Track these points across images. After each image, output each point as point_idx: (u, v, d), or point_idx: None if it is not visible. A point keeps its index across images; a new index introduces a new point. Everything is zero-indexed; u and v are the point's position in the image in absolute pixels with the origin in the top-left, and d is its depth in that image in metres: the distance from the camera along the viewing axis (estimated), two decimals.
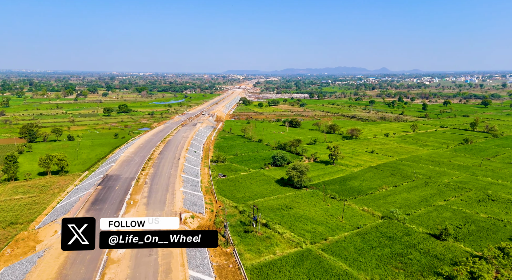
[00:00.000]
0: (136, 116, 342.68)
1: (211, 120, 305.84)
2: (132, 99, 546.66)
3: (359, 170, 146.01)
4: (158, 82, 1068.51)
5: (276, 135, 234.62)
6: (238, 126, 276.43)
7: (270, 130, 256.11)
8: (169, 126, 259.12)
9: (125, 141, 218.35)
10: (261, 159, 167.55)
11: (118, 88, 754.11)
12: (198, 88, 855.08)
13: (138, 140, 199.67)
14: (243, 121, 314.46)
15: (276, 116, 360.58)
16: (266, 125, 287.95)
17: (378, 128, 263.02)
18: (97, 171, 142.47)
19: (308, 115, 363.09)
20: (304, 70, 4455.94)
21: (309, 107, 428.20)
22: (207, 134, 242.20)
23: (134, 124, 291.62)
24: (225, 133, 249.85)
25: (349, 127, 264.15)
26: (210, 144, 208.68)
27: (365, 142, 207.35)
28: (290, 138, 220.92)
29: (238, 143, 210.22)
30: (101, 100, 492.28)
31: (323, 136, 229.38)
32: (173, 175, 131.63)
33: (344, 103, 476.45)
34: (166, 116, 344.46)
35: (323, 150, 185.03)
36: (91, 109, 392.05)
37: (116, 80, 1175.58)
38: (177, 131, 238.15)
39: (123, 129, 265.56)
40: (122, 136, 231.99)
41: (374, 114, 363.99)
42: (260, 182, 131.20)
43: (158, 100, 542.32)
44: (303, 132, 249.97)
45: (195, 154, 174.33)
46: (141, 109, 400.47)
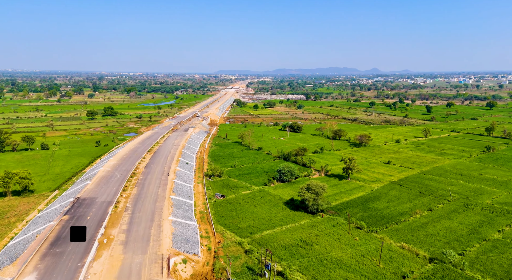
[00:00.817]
0: (122, 120, 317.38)
1: (204, 124, 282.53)
2: (120, 100, 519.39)
3: (380, 187, 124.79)
4: (148, 82, 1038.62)
5: (277, 142, 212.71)
6: (234, 131, 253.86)
7: (269, 136, 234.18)
8: (158, 131, 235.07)
9: (108, 149, 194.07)
10: (264, 172, 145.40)
11: (106, 88, 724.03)
12: (190, 88, 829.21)
13: (122, 150, 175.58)
14: (239, 125, 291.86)
15: (273, 119, 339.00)
16: (264, 129, 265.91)
17: (386, 133, 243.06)
18: (69, 191, 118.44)
19: (307, 118, 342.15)
20: (295, 70, 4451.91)
21: (307, 109, 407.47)
22: (200, 140, 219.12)
23: (119, 129, 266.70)
24: (220, 139, 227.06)
25: (354, 131, 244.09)
26: (204, 153, 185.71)
27: (376, 150, 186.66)
28: (293, 145, 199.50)
29: (235, 151, 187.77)
30: (86, 102, 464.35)
31: (329, 142, 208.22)
32: (161, 197, 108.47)
33: (342, 105, 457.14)
34: (155, 119, 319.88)
35: (332, 160, 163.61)
36: (74, 112, 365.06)
37: (104, 80, 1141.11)
38: (167, 137, 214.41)
39: (107, 135, 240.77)
40: (105, 143, 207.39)
41: (376, 116, 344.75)
42: (266, 204, 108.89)
43: (148, 102, 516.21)
44: (305, 137, 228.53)
45: (188, 167, 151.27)
46: (129, 112, 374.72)
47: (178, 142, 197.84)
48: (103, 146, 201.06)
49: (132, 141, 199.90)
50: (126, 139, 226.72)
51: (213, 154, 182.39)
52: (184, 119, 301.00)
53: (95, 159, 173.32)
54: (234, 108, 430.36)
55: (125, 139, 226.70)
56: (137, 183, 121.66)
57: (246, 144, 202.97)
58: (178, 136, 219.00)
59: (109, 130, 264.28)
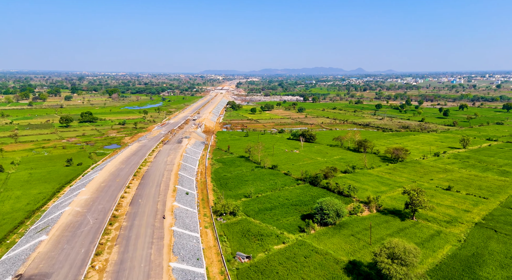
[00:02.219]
0: (103, 127, 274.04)
1: (200, 133, 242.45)
2: (101, 103, 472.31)
3: (467, 235, 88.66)
4: (132, 83, 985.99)
5: (291, 156, 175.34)
6: (236, 141, 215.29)
7: (279, 147, 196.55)
8: (146, 144, 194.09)
9: (83, 170, 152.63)
10: (291, 206, 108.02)
11: (86, 89, 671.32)
12: (177, 89, 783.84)
13: (100, 173, 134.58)
14: (239, 133, 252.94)
15: (275, 125, 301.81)
16: (270, 138, 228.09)
17: (413, 143, 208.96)
18: (9, 254, 77.65)
19: (313, 123, 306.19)
20: (282, 70, 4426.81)
21: (309, 113, 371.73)
22: (198, 155, 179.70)
23: (99, 140, 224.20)
24: (221, 152, 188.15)
25: (374, 140, 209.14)
26: (205, 174, 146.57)
27: (419, 168, 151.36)
28: (312, 161, 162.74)
29: (244, 170, 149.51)
30: (62, 105, 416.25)
31: (354, 157, 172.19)
32: (156, 265, 69.39)
33: (345, 107, 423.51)
34: (141, 126, 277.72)
35: (374, 184, 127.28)
36: (47, 117, 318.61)
37: (85, 80, 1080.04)
38: (157, 152, 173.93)
39: (83, 148, 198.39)
40: (79, 161, 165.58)
41: (389, 121, 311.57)
42: (318, 273, 71.21)
43: (132, 104, 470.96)
44: (322, 149, 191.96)
45: (188, 199, 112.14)
46: (111, 117, 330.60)
47: (172, 160, 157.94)
48: (75, 166, 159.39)
49: (114, 159, 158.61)
50: (106, 154, 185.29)
51: (218, 175, 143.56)
52: (176, 126, 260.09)
53: (63, 186, 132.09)
54: (229, 111, 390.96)
55: (105, 154, 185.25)
56: (119, 237, 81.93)
57: (256, 161, 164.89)
58: (170, 150, 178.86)
59: (86, 141, 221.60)
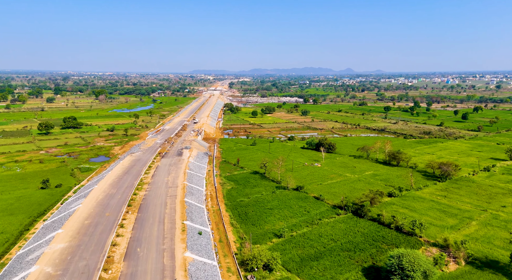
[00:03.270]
0: (89, 134, 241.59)
1: (201, 142, 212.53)
2: (87, 105, 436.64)
3: None
4: (120, 83, 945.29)
5: (315, 171, 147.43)
6: (243, 151, 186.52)
7: (295, 159, 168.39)
8: (140, 157, 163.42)
9: (62, 194, 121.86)
10: (343, 252, 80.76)
11: (70, 90, 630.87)
12: (167, 90, 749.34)
13: (83, 203, 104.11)
14: (244, 140, 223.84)
15: (281, 130, 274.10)
16: (281, 147, 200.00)
17: (446, 152, 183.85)
18: None
19: (322, 127, 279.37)
20: (271, 70, 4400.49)
21: (315, 116, 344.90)
22: (203, 170, 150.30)
23: (84, 151, 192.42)
24: (229, 166, 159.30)
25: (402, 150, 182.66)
26: (217, 199, 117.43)
27: (476, 189, 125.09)
28: (341, 178, 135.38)
29: (264, 193, 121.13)
30: (43, 108, 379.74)
31: (390, 172, 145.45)
32: None
33: (351, 110, 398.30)
34: (133, 133, 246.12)
35: (435, 215, 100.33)
36: (24, 123, 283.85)
37: (70, 80, 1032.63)
38: (154, 169, 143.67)
39: (65, 162, 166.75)
40: (58, 182, 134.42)
41: (404, 125, 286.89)
42: None
43: (121, 107, 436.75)
44: (347, 162, 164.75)
45: (203, 244, 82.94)
46: (98, 122, 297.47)
47: (174, 180, 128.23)
48: (53, 188, 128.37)
49: (102, 180, 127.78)
50: (92, 170, 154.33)
51: (232, 200, 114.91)
52: (172, 133, 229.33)
53: (35, 219, 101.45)
54: (228, 114, 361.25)
55: (91, 170, 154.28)
56: None
57: (275, 179, 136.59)
58: (170, 165, 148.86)
59: (68, 152, 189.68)
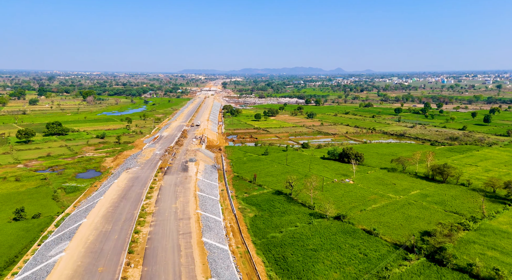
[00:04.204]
0: (76, 142, 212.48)
1: (206, 151, 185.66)
2: (74, 108, 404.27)
3: None
4: (108, 83, 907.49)
5: (349, 191, 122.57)
6: (256, 164, 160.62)
7: (319, 173, 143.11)
8: (138, 174, 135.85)
9: (40, 228, 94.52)
10: None
11: (56, 91, 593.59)
12: (159, 90, 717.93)
13: (67, 254, 76.83)
14: (252, 148, 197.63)
15: (289, 135, 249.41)
16: (297, 157, 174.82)
17: (489, 163, 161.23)
18: None
19: (335, 132, 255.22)
20: (262, 70, 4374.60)
21: (323, 119, 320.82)
22: (215, 190, 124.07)
23: (70, 163, 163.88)
24: (244, 183, 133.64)
25: (437, 160, 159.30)
26: (241, 235, 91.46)
27: None
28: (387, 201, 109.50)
29: (299, 225, 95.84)
30: (25, 111, 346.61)
31: (439, 191, 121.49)
32: None
33: (358, 111, 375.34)
34: (126, 140, 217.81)
35: None
36: (2, 129, 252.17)
37: (55, 80, 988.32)
38: (157, 191, 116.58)
39: (46, 179, 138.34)
40: (37, 211, 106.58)
41: (422, 129, 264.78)
42: None
43: (111, 109, 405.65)
44: (383, 177, 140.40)
45: None
46: (86, 127, 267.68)
47: (184, 207, 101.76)
48: (29, 219, 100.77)
49: (93, 209, 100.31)
50: (80, 190, 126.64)
51: (262, 238, 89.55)
52: (172, 141, 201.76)
53: (1, 273, 73.91)
54: (228, 118, 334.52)
55: (79, 190, 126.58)
56: None
57: (306, 203, 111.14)
58: (176, 186, 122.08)
59: (51, 165, 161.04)
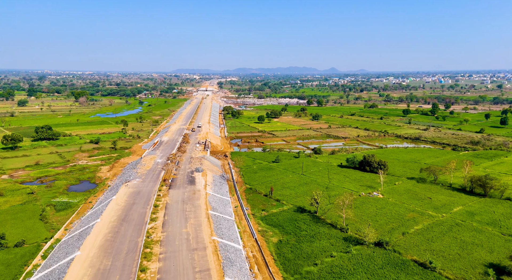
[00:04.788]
0: (68, 148, 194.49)
1: (212, 159, 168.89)
2: (65, 109, 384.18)
3: None
4: (101, 83, 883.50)
5: (382, 207, 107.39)
6: (268, 173, 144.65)
7: (341, 185, 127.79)
8: (139, 188, 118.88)
9: (23, 262, 77.71)
10: None
11: (47, 91, 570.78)
12: (154, 90, 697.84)
13: None
14: (261, 154, 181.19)
15: (297, 138, 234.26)
16: (312, 165, 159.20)
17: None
18: None
19: (346, 136, 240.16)
20: (256, 69, 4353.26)
21: (330, 121, 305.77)
22: (228, 208, 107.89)
23: (61, 173, 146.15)
24: (259, 197, 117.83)
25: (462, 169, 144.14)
26: (267, 268, 75.59)
27: None
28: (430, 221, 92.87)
29: (337, 256, 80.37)
30: (13, 113, 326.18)
31: (484, 207, 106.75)
32: None
33: (364, 113, 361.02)
34: (123, 146, 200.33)
35: None
36: None
37: (46, 80, 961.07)
38: (163, 211, 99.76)
39: (33, 194, 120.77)
40: (20, 237, 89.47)
41: (437, 131, 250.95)
42: None
43: (105, 110, 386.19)
44: (412, 189, 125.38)
45: None
46: (79, 130, 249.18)
47: (196, 232, 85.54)
48: (11, 248, 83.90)
49: (88, 239, 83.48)
50: (72, 207, 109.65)
51: (295, 273, 74.16)
52: (174, 147, 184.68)
53: None
54: (229, 120, 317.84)
55: (71, 207, 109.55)
56: None
57: (336, 223, 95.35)
58: (184, 203, 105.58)
59: (40, 176, 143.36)
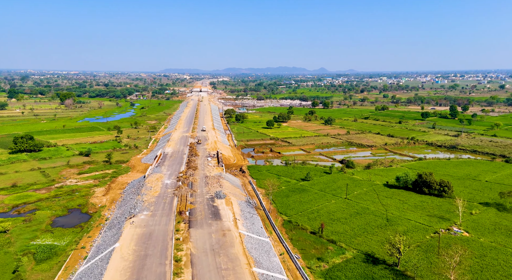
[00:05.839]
0: (53, 163, 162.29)
1: (229, 177, 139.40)
2: (50, 113, 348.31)
3: None
4: (88, 83, 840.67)
5: (484, 255, 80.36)
6: (302, 196, 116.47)
7: (402, 214, 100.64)
8: (149, 227, 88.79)
9: None
10: None
11: (29, 93, 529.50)
12: (145, 91, 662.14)
13: None
14: (284, 169, 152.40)
15: (315, 146, 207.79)
16: (351, 183, 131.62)
17: None
18: None
19: (370, 144, 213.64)
20: (246, 69, 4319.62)
21: (345, 126, 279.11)
22: (275, 263, 78.90)
23: (44, 200, 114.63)
24: (303, 234, 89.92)
25: None
26: None
27: None
28: None
29: None
30: None
31: None
32: None
33: (377, 116, 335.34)
34: (119, 159, 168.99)
35: None
36: None
37: (29, 80, 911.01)
38: (189, 270, 70.07)
39: (7, 233, 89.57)
40: None
41: (471, 138, 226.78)
42: None
43: (94, 114, 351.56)
44: (499, 222, 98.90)
45: None
46: (65, 139, 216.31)
47: None
48: None
49: None
50: (59, 257, 79.04)
51: None
52: (182, 162, 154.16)
53: None
54: (234, 124, 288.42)
55: (57, 257, 78.92)
56: None
57: None
58: (215, 254, 76.38)
59: (17, 204, 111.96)
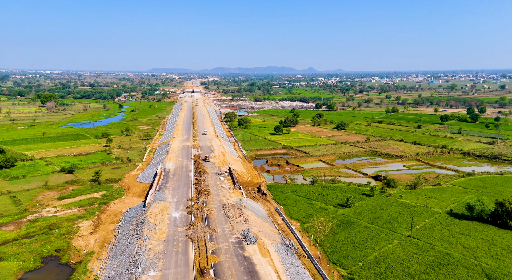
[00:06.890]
0: (27, 183, 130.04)
1: (252, 206, 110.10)
2: (29, 117, 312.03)
3: None
4: (73, 84, 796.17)
5: None
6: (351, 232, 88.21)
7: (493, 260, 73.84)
8: None
9: None
10: None
11: (7, 94, 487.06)
12: (134, 92, 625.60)
13: None
14: (314, 191, 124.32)
15: (336, 157, 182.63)
16: (405, 211, 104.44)
17: None
18: None
19: (399, 154, 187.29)
20: (235, 69, 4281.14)
21: (361, 132, 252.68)
22: None
23: (11, 243, 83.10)
24: None
25: None
26: None
27: None
28: None
29: None
30: None
31: None
32: None
33: (392, 120, 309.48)
34: (109, 178, 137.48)
35: None
36: None
37: (9, 80, 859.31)
38: None
39: None
40: None
41: (506, 146, 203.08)
42: None
43: (79, 118, 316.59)
44: None
45: None
46: (45, 151, 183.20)
47: None
48: None
49: None
50: None
51: None
52: (187, 182, 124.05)
53: None
54: (236, 130, 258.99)
55: None
56: None
57: None
58: None
59: None
